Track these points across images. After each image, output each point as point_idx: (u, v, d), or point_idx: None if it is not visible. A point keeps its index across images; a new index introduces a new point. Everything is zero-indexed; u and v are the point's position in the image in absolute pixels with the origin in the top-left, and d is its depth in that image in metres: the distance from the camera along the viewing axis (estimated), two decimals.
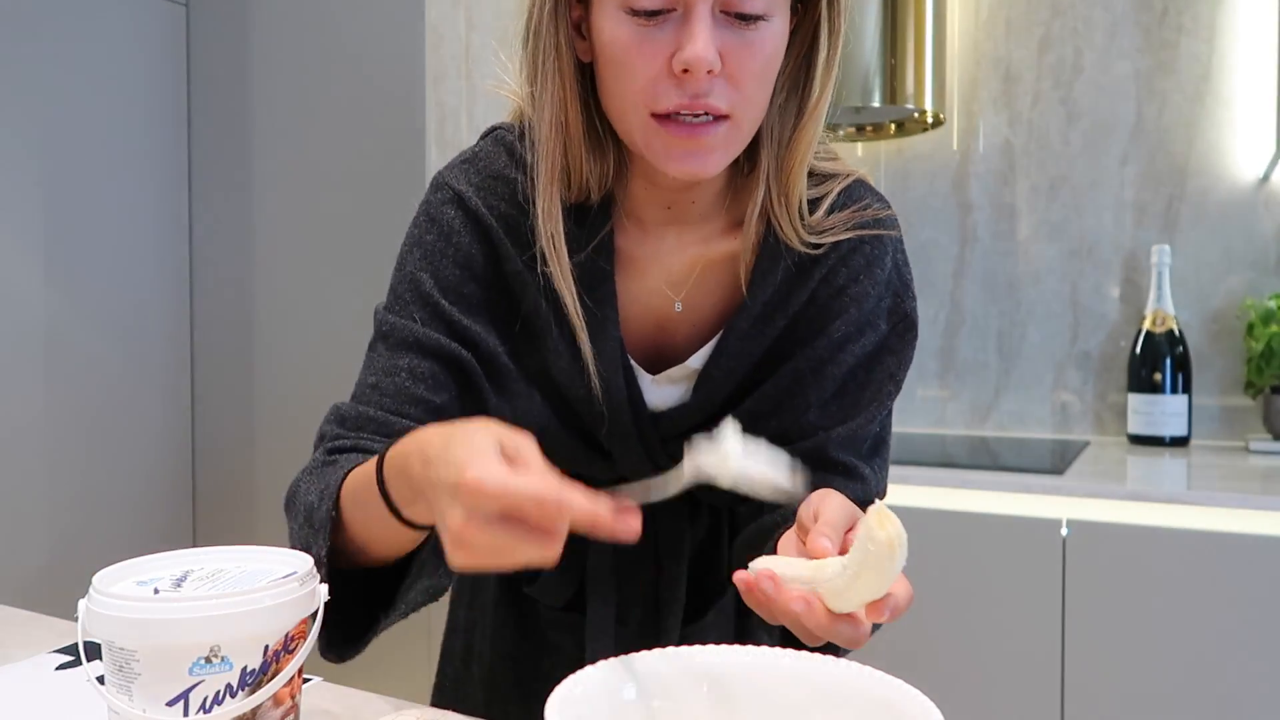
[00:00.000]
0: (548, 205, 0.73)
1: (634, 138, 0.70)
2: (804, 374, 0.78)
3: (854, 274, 0.78)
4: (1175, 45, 1.82)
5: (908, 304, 0.81)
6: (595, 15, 0.69)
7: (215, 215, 2.41)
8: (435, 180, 0.80)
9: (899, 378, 0.81)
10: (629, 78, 0.67)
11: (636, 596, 0.86)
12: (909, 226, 2.02)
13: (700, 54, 0.64)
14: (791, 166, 0.74)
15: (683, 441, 0.78)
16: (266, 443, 2.34)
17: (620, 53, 0.67)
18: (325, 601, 0.59)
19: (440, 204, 0.78)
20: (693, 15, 0.65)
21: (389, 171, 2.14)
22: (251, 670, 0.53)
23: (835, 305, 0.78)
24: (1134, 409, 1.77)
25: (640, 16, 0.66)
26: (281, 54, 2.29)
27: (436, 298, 0.76)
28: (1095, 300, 1.89)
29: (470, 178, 0.78)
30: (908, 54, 1.82)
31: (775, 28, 0.68)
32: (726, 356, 0.78)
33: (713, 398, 0.79)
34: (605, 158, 0.75)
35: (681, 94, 0.66)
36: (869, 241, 0.79)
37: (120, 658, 0.52)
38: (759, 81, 0.68)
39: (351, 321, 2.19)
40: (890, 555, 0.52)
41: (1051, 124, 1.91)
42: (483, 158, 0.79)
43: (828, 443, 0.79)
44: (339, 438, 0.75)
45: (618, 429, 0.79)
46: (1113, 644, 1.37)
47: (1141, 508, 1.37)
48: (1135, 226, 1.86)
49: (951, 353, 2.00)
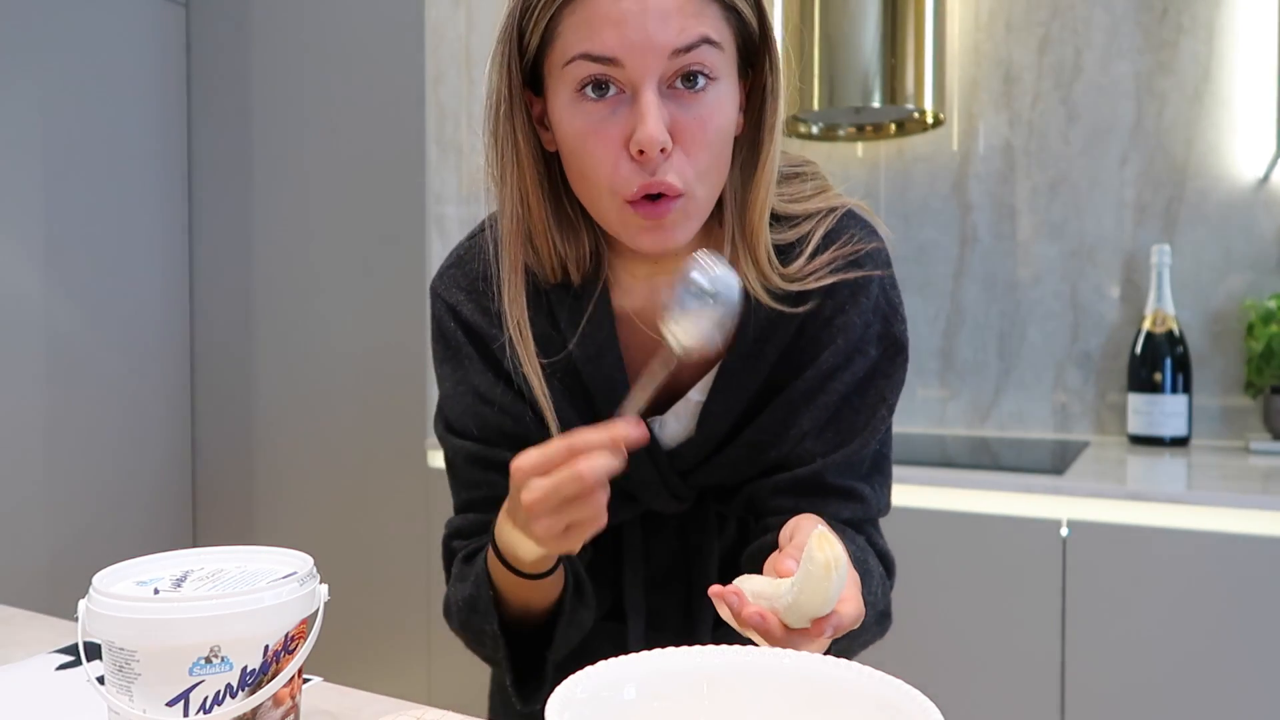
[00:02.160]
0: (513, 293, 0.78)
1: (607, 220, 0.74)
2: (797, 404, 0.81)
3: (839, 305, 0.80)
4: (1175, 45, 1.82)
5: (897, 328, 0.82)
6: (552, 107, 0.72)
7: (215, 216, 2.41)
8: (430, 291, 0.87)
9: (891, 401, 0.83)
10: (592, 165, 0.70)
11: (670, 605, 0.90)
12: (908, 227, 2.02)
13: (651, 134, 0.67)
14: (751, 222, 0.77)
15: (700, 474, 0.84)
16: (266, 443, 2.34)
17: (579, 142, 0.70)
18: (509, 661, 0.79)
19: (442, 318, 0.85)
20: (641, 94, 0.67)
21: (389, 173, 2.14)
22: (251, 670, 0.53)
23: (824, 336, 0.80)
24: (1134, 409, 1.77)
25: (590, 101, 0.69)
26: (281, 54, 2.29)
27: (479, 406, 0.82)
28: (1095, 300, 1.89)
29: (459, 281, 0.84)
30: (908, 54, 1.82)
31: (723, 93, 0.70)
32: (724, 391, 0.81)
33: (717, 429, 0.82)
34: (580, 241, 0.78)
35: (642, 174, 0.69)
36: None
37: (120, 658, 0.52)
38: (711, 152, 0.71)
39: (352, 321, 2.19)
40: (826, 576, 0.58)
41: (1051, 124, 1.91)
42: (469, 259, 0.84)
43: (825, 470, 0.81)
44: (466, 547, 0.85)
45: (640, 476, 0.83)
46: (1113, 645, 1.37)
47: (1141, 508, 1.37)
48: (1135, 226, 1.86)
49: (951, 353, 2.00)
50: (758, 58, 0.75)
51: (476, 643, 0.83)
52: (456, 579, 0.84)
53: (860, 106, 1.85)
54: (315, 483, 2.26)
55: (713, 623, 0.89)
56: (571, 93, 0.69)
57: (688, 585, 0.90)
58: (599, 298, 0.79)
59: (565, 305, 0.80)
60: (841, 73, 1.82)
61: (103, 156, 2.23)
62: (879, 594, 0.82)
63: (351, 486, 2.20)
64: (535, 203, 0.76)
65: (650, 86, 0.67)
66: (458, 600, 0.83)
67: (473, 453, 0.83)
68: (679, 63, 0.67)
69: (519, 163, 0.74)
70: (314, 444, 2.26)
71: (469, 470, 0.84)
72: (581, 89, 0.68)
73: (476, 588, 0.80)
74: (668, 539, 0.90)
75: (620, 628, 0.90)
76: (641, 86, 0.67)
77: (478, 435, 0.83)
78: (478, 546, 0.83)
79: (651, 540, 0.90)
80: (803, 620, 0.60)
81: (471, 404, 0.83)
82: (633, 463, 0.82)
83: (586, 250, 0.79)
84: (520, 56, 0.72)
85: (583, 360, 0.80)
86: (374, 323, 2.15)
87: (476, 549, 0.83)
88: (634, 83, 0.67)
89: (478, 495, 0.84)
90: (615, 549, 0.89)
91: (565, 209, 0.77)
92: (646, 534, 0.89)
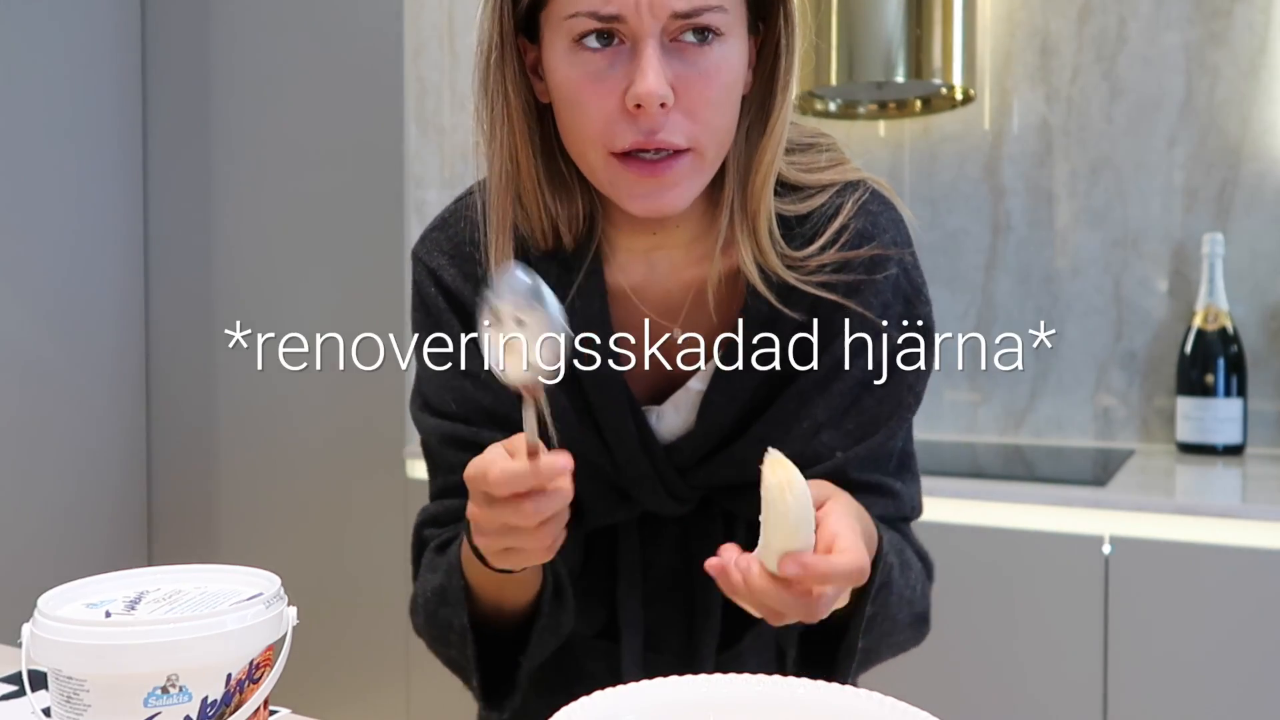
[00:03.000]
0: (499, 256, 0.78)
1: (597, 178, 0.75)
2: (809, 394, 0.80)
3: (854, 286, 0.80)
4: (1229, 14, 1.82)
5: (921, 309, 0.82)
6: (546, 55, 0.73)
7: (173, 204, 2.40)
8: (412, 255, 0.87)
9: (918, 389, 0.83)
10: (584, 117, 0.71)
11: (669, 622, 0.90)
12: (935, 214, 2.02)
13: (651, 88, 0.67)
14: (754, 188, 0.77)
15: (702, 473, 0.84)
16: (229, 452, 2.34)
17: (572, 92, 0.71)
18: (477, 661, 0.79)
19: (422, 283, 0.85)
20: (642, 48, 0.68)
21: (364, 154, 2.14)
22: (213, 701, 0.53)
23: (836, 319, 0.80)
24: (1183, 414, 1.77)
25: (588, 51, 0.70)
26: (245, 25, 2.28)
27: (459, 380, 0.83)
28: (1141, 295, 1.89)
29: (441, 245, 0.85)
30: (935, 24, 1.82)
31: (730, 49, 0.71)
32: (726, 380, 0.81)
33: (719, 423, 0.82)
34: (573, 201, 0.79)
35: (637, 131, 0.70)
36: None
37: (69, 687, 0.52)
38: (717, 109, 0.72)
39: (326, 318, 2.19)
40: (782, 498, 0.59)
41: (1093, 101, 1.91)
42: (454, 222, 0.85)
43: (847, 464, 0.81)
44: (439, 536, 0.86)
45: (633, 471, 0.83)
46: (1159, 672, 1.37)
47: (1191, 522, 1.37)
48: (1185, 214, 1.86)
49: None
50: (770, 10, 0.76)
51: (442, 641, 0.84)
52: (426, 569, 0.85)
53: (883, 82, 1.85)
54: (283, 495, 2.26)
55: (717, 645, 0.89)
56: (569, 41, 0.70)
57: (690, 601, 0.89)
58: (589, 268, 0.80)
59: (553, 275, 0.79)
60: (862, 45, 1.82)
61: (49, 137, 2.23)
62: (918, 591, 0.82)
63: (323, 499, 2.20)
64: (525, 159, 0.76)
65: (653, 39, 0.68)
66: (426, 591, 0.83)
67: (450, 433, 0.83)
68: (684, 22, 0.69)
69: (509, 116, 0.75)
70: (282, 452, 2.26)
71: (445, 451, 0.85)
72: (580, 39, 0.70)
73: (448, 577, 0.81)
74: (668, 548, 0.89)
75: (614, 647, 0.89)
76: (643, 39, 0.68)
77: (456, 412, 0.83)
78: (451, 536, 0.84)
79: (650, 549, 0.89)
80: (772, 561, 0.62)
81: (451, 378, 0.83)
82: (625, 457, 0.82)
83: (581, 211, 0.79)
84: (514, 2, 0.74)
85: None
86: (347, 321, 2.15)
87: (450, 538, 0.84)
88: (635, 35, 0.68)
89: (454, 480, 0.83)
90: (610, 557, 0.89)
91: (559, 166, 0.78)
92: (644, 541, 0.89)
